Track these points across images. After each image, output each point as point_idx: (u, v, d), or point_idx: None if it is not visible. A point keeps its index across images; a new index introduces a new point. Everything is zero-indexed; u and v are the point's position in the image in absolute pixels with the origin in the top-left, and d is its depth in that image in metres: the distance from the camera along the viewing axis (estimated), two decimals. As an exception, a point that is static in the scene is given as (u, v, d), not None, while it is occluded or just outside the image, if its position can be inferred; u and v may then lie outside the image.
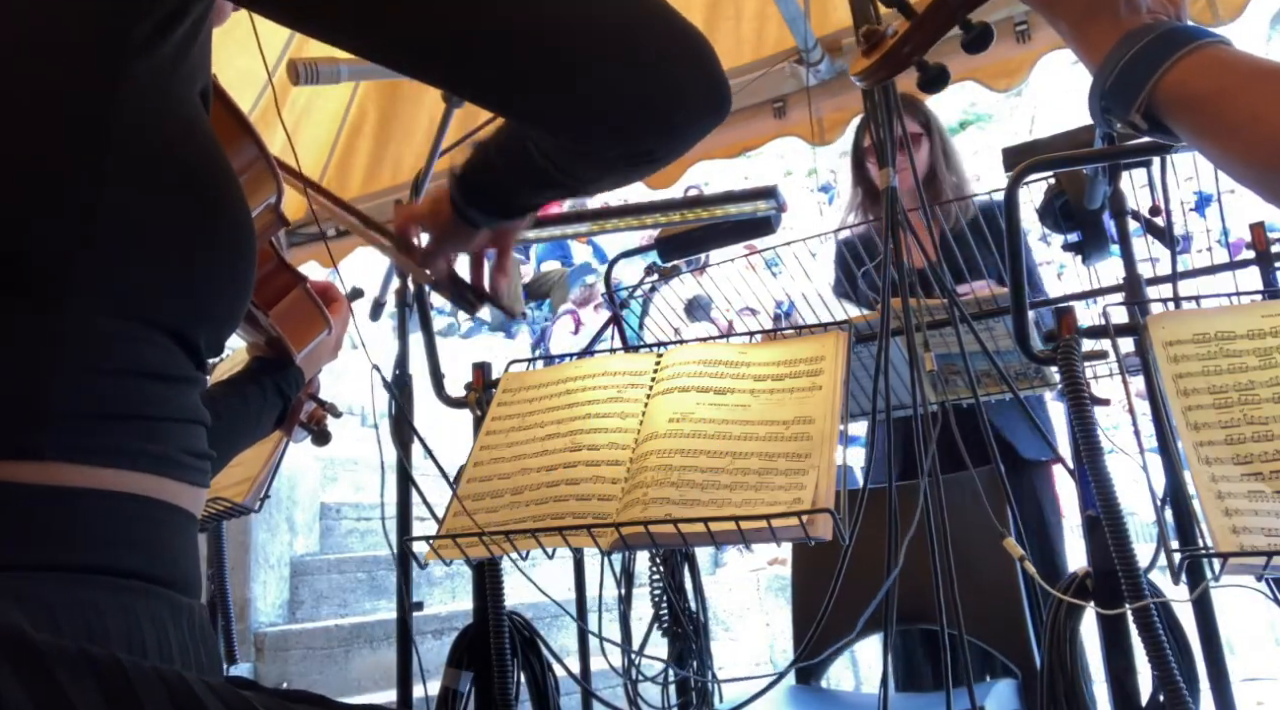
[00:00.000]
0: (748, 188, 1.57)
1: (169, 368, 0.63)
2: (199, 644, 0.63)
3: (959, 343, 1.29)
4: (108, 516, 0.58)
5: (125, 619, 0.56)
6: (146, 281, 0.61)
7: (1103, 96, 0.68)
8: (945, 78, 0.78)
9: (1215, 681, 1.13)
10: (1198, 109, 0.64)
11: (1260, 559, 0.97)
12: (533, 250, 7.80)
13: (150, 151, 0.61)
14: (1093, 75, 0.70)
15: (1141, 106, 0.65)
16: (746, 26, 2.64)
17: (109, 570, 0.57)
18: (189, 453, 0.64)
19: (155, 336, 0.62)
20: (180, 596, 0.62)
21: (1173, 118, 0.65)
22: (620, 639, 1.60)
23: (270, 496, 1.66)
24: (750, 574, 4.05)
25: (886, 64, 0.78)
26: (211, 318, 0.66)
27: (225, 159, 0.68)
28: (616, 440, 1.24)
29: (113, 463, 0.58)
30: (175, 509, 0.63)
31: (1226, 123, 0.63)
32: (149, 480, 0.60)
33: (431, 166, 1.77)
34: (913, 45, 0.76)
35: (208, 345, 0.67)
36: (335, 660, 2.82)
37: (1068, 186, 1.33)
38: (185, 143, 0.64)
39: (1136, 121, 0.66)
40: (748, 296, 2.07)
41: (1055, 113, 7.28)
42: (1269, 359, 1.11)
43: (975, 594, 1.36)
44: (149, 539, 0.60)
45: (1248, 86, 0.62)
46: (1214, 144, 0.64)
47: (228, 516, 1.65)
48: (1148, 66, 0.65)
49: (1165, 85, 0.64)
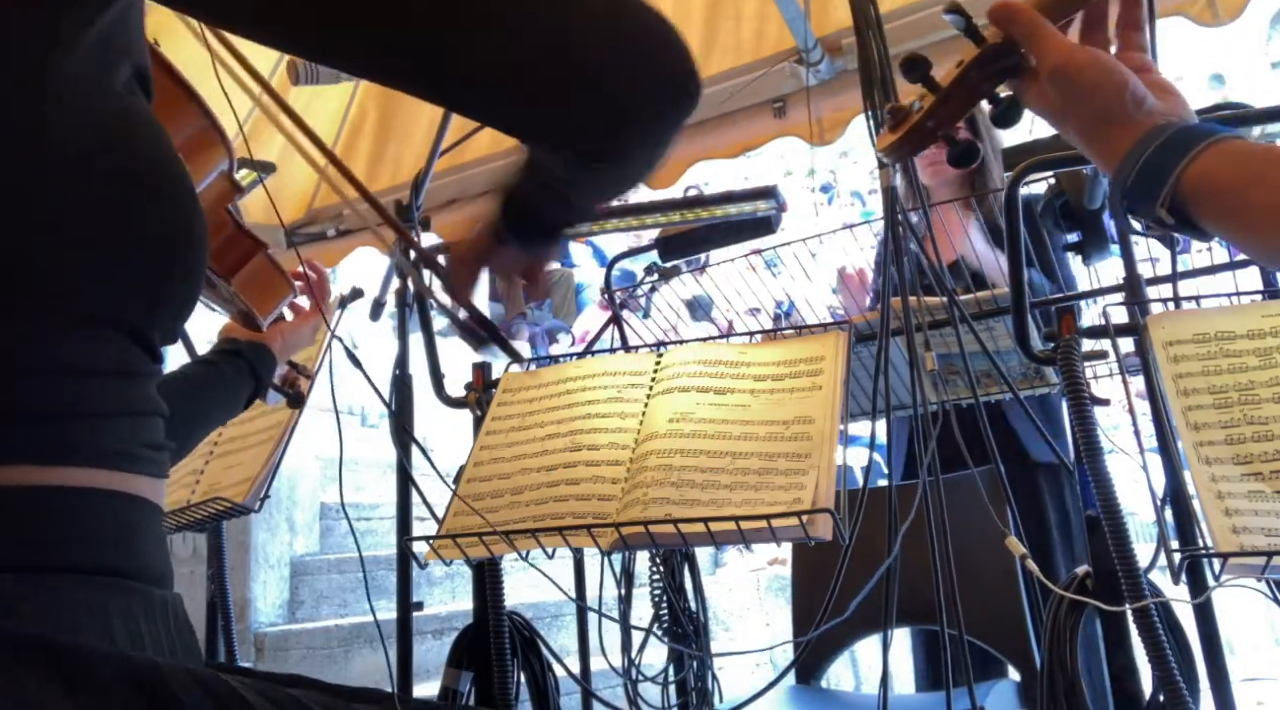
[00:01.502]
0: (748, 188, 1.57)
1: (124, 364, 0.63)
2: (174, 636, 0.63)
3: (959, 343, 1.29)
4: (74, 513, 0.58)
5: (94, 615, 0.57)
6: (95, 279, 0.60)
7: (1125, 195, 0.70)
8: (975, 153, 0.79)
9: (1215, 681, 1.13)
10: (1225, 199, 0.65)
11: (1260, 559, 0.97)
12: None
13: (88, 145, 0.60)
14: (1110, 176, 0.71)
15: (1166, 201, 0.67)
16: (746, 26, 2.63)
17: (77, 567, 0.57)
18: (147, 445, 0.64)
19: (108, 334, 0.61)
20: (152, 589, 0.63)
21: (1199, 209, 0.66)
22: (620, 639, 1.60)
23: (270, 496, 1.65)
24: (750, 574, 4.04)
25: (911, 139, 0.77)
26: (164, 310, 0.66)
27: (168, 143, 0.66)
28: (616, 440, 1.24)
29: (74, 461, 0.58)
30: (140, 501, 0.63)
31: (1255, 210, 0.64)
32: (112, 476, 0.61)
33: (431, 166, 1.77)
34: (937, 121, 0.76)
35: (162, 336, 0.67)
36: (335, 660, 2.82)
37: (1068, 186, 1.32)
38: (123, 132, 0.63)
39: (1163, 216, 0.67)
40: (748, 296, 2.07)
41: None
42: (1269, 359, 1.11)
43: (975, 594, 1.36)
44: (116, 533, 0.60)
45: (1264, 179, 0.64)
46: (1243, 233, 0.66)
47: (228, 516, 1.65)
48: (1171, 161, 0.66)
49: (1189, 178, 0.66)
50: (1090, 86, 0.71)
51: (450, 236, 2.58)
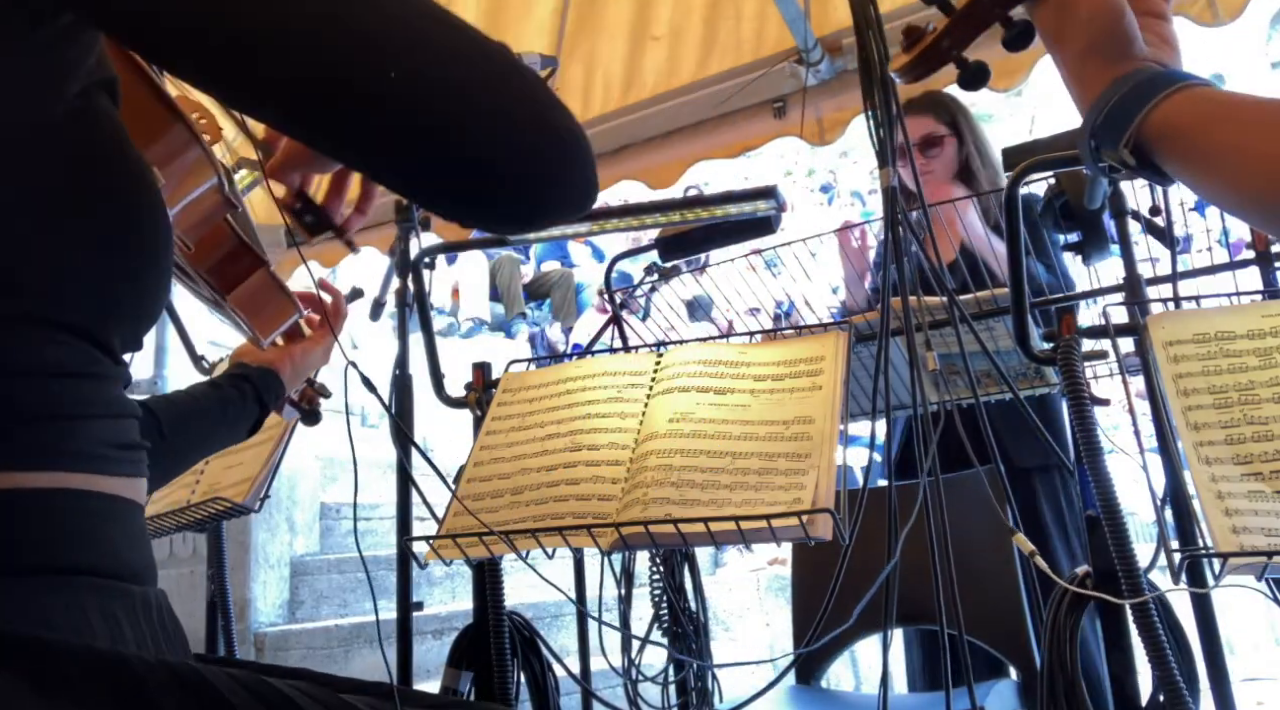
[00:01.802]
0: (748, 188, 1.57)
1: (81, 366, 0.62)
2: (158, 631, 0.63)
3: (959, 343, 1.29)
4: (39, 515, 0.58)
5: (73, 615, 0.57)
6: (49, 284, 0.60)
7: (1093, 134, 0.71)
8: (985, 75, 0.79)
9: (1215, 681, 1.13)
10: (1181, 142, 0.67)
11: (1260, 559, 0.97)
12: (532, 250, 7.77)
13: (37, 146, 0.60)
14: (1084, 115, 0.73)
15: (1129, 142, 0.68)
16: (746, 26, 2.64)
17: (49, 568, 0.57)
18: (113, 446, 0.64)
19: (63, 337, 0.61)
20: (131, 586, 0.62)
21: (1159, 152, 0.68)
22: (620, 639, 1.60)
23: (270, 496, 1.66)
24: (750, 574, 4.04)
25: (925, 60, 0.78)
26: (121, 315, 0.66)
27: (127, 147, 0.66)
28: (616, 440, 1.24)
29: (36, 464, 0.58)
30: (111, 498, 0.63)
31: (1209, 153, 0.66)
32: (74, 478, 0.61)
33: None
34: (951, 40, 0.77)
35: (123, 342, 0.67)
36: (335, 660, 2.82)
37: (1068, 186, 1.32)
38: (72, 133, 0.62)
39: (1125, 157, 0.69)
40: (748, 296, 2.07)
41: (1055, 113, 7.28)
42: (1269, 359, 1.11)
43: (975, 594, 1.36)
44: (86, 533, 0.60)
45: (1228, 118, 0.65)
46: (1199, 175, 0.67)
47: (228, 516, 1.65)
48: (1136, 104, 0.68)
49: (1151, 121, 0.67)
50: (1086, 17, 0.72)
51: (451, 236, 2.58)
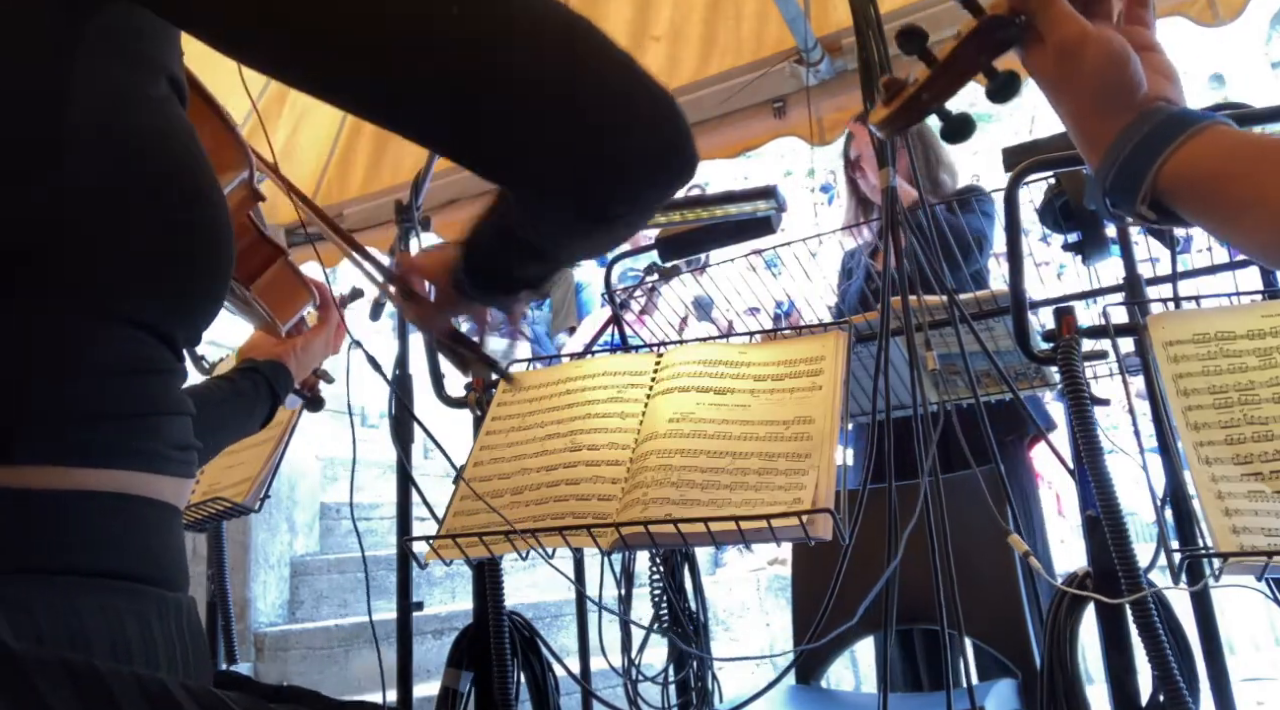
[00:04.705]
0: (748, 188, 1.57)
1: (147, 362, 0.62)
2: (186, 639, 0.63)
3: (959, 343, 1.29)
4: (88, 517, 0.58)
5: (107, 619, 0.56)
6: (116, 277, 0.60)
7: (1106, 193, 0.69)
8: (970, 127, 0.76)
9: (1215, 681, 1.13)
10: (1203, 194, 0.65)
11: (1260, 559, 0.97)
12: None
13: (111, 142, 0.60)
14: (1092, 169, 0.71)
15: (1146, 198, 0.66)
16: (746, 26, 2.63)
17: (90, 571, 0.57)
18: (175, 446, 0.64)
19: (130, 332, 0.61)
20: (166, 592, 0.62)
21: (1179, 204, 0.66)
22: (620, 639, 1.60)
23: (270, 496, 1.66)
24: (750, 574, 4.04)
25: (904, 113, 0.76)
26: (187, 309, 0.66)
27: (200, 149, 0.66)
28: (616, 440, 1.24)
29: (97, 462, 0.58)
30: (158, 504, 0.63)
31: (1233, 205, 0.64)
32: (135, 478, 0.60)
33: (431, 167, 1.77)
34: (931, 94, 0.74)
35: (185, 337, 0.66)
36: (335, 660, 2.82)
37: (1068, 186, 1.32)
38: (156, 135, 0.62)
39: (1144, 212, 0.67)
40: (748, 296, 2.07)
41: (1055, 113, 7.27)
42: (1269, 359, 1.11)
43: (975, 594, 1.36)
44: (131, 537, 0.60)
45: (1251, 168, 0.63)
46: (1222, 227, 0.65)
47: (228, 516, 1.65)
48: (1148, 158, 0.66)
49: (1166, 175, 0.65)
50: (1091, 68, 0.69)
51: (450, 236, 2.58)
